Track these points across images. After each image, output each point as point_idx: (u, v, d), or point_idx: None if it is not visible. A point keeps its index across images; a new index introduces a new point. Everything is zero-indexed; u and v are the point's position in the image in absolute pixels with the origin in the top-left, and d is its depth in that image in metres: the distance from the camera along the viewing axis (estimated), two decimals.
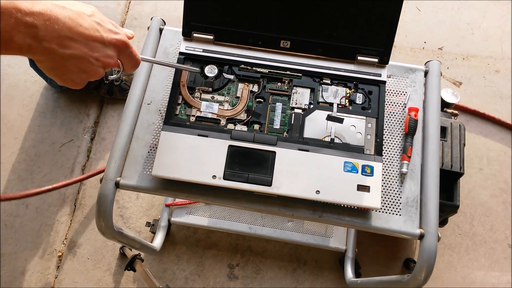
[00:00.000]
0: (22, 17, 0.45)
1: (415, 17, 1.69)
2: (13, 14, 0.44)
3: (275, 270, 1.27)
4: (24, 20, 0.45)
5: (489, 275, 1.29)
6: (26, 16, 0.45)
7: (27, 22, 0.45)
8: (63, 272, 1.26)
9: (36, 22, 0.46)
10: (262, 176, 0.65)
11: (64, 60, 0.50)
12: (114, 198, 0.68)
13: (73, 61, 0.50)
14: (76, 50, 0.50)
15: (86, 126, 1.47)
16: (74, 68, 0.51)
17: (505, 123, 1.48)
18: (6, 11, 0.44)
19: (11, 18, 0.44)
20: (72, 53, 0.50)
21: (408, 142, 0.70)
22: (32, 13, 0.45)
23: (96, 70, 0.54)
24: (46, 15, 0.46)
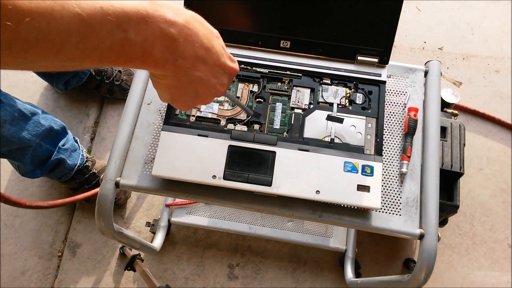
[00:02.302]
0: (166, 28, 0.40)
1: (415, 17, 1.69)
2: (159, 24, 0.39)
3: (275, 270, 1.27)
4: (168, 31, 0.40)
5: (489, 275, 1.29)
6: (170, 27, 0.40)
7: (171, 35, 0.40)
8: (63, 272, 1.26)
9: (178, 36, 0.41)
10: (262, 176, 0.65)
11: (188, 82, 0.46)
12: (114, 198, 0.68)
13: (195, 85, 0.46)
14: (203, 74, 0.45)
15: (86, 126, 1.47)
16: (192, 91, 0.47)
17: (505, 123, 1.48)
18: (152, 19, 0.39)
19: (157, 27, 0.39)
20: (199, 76, 0.45)
21: (408, 142, 0.70)
22: (175, 24, 0.40)
23: (209, 97, 0.50)
24: (188, 29, 0.42)
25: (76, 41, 0.35)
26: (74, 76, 1.38)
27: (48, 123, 1.13)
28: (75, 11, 0.34)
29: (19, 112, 1.05)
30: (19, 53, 0.33)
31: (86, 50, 0.36)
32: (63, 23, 0.33)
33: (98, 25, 0.36)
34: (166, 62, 0.42)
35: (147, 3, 0.39)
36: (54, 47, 0.34)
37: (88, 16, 0.35)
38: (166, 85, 0.46)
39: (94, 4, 0.35)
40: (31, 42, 0.33)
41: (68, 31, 0.34)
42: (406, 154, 0.69)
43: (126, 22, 0.37)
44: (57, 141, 1.17)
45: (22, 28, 0.31)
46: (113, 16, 0.36)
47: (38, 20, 0.32)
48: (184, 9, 0.43)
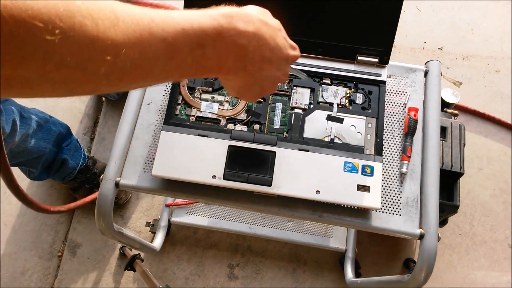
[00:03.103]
0: (238, 39, 0.41)
1: (415, 17, 1.69)
2: (233, 37, 0.41)
3: (275, 270, 1.27)
4: (239, 42, 0.42)
5: (489, 275, 1.29)
6: (241, 38, 0.42)
7: (242, 45, 0.42)
8: (63, 272, 1.26)
9: (248, 45, 0.42)
10: (262, 176, 0.65)
11: (255, 82, 0.47)
12: (114, 198, 0.68)
13: (261, 82, 0.48)
14: (269, 72, 0.47)
15: (86, 126, 1.47)
16: (258, 88, 0.49)
17: (505, 123, 1.48)
18: (227, 33, 0.40)
19: (230, 40, 0.41)
20: (265, 75, 0.47)
21: (408, 142, 0.70)
22: (246, 34, 0.42)
23: (273, 88, 0.51)
24: (257, 36, 0.43)
25: (163, 64, 0.37)
26: None
27: (57, 128, 1.16)
28: (162, 36, 0.36)
29: (36, 123, 1.08)
30: (115, 82, 0.35)
31: (170, 70, 0.38)
32: (151, 50, 0.35)
33: (181, 46, 0.37)
34: (237, 69, 0.44)
35: (221, 17, 0.40)
36: (144, 72, 0.36)
37: (172, 39, 0.36)
38: (234, 85, 0.48)
39: (175, 27, 0.37)
40: (125, 71, 0.34)
41: (156, 57, 0.36)
42: (406, 154, 0.69)
43: (204, 40, 0.39)
44: (60, 143, 1.18)
45: (119, 60, 0.33)
46: (193, 36, 0.38)
47: (132, 50, 0.33)
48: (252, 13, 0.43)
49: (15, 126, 0.98)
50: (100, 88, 0.35)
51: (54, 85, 0.31)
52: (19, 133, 1.00)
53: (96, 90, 0.36)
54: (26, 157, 1.09)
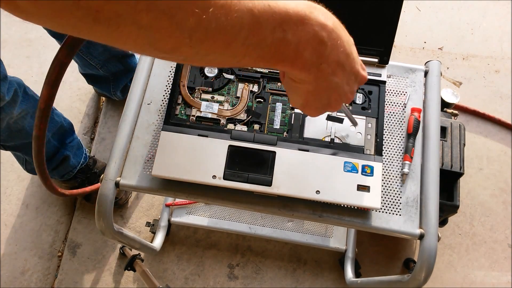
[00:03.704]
0: (319, 31, 0.39)
1: (415, 17, 1.69)
2: (314, 26, 0.39)
3: (275, 270, 1.27)
4: (320, 34, 0.40)
5: (489, 275, 1.29)
6: (322, 30, 0.40)
7: (321, 38, 0.40)
8: (63, 272, 1.26)
9: (327, 40, 0.40)
10: (262, 176, 0.65)
11: (325, 88, 0.45)
12: (114, 198, 0.68)
13: (331, 91, 0.46)
14: (340, 80, 0.45)
15: (86, 126, 1.47)
16: (326, 98, 0.47)
17: (505, 123, 1.48)
18: (309, 21, 0.39)
19: (311, 29, 0.39)
20: (336, 83, 0.45)
21: (411, 143, 0.70)
22: (326, 28, 0.40)
23: (339, 104, 0.49)
24: (335, 34, 0.41)
25: (244, 36, 0.36)
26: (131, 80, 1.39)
27: (60, 120, 1.16)
28: (249, 6, 0.35)
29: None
30: (196, 43, 0.34)
31: (249, 46, 0.37)
32: (238, 17, 0.34)
33: (265, 22, 0.36)
34: (312, 66, 0.41)
35: (305, 5, 0.39)
36: (226, 40, 0.35)
37: (258, 12, 0.35)
38: (303, 89, 0.46)
39: (263, 1, 0.36)
40: (209, 33, 0.33)
41: (240, 25, 0.35)
42: (409, 155, 0.69)
43: (287, 22, 0.38)
44: (63, 138, 1.18)
45: (206, 18, 0.32)
46: (277, 14, 0.37)
47: (219, 11, 0.33)
48: (330, 13, 0.42)
49: (16, 97, 0.97)
50: (180, 47, 0.34)
51: (139, 29, 0.31)
52: (19, 107, 1.00)
53: (175, 50, 0.34)
54: (23, 139, 1.07)
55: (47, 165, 1.17)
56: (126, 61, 1.32)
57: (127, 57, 1.32)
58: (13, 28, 1.61)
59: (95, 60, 1.23)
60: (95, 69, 1.28)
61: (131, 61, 1.34)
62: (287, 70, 0.43)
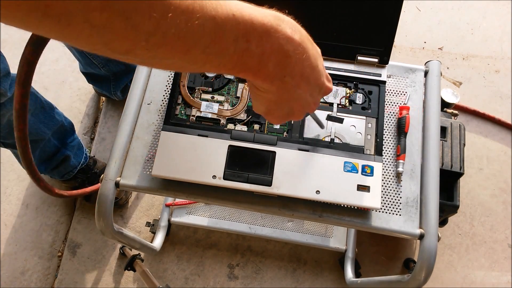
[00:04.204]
0: (285, 44, 0.39)
1: (415, 17, 1.69)
2: (279, 39, 0.39)
3: (275, 270, 1.27)
4: (285, 47, 0.39)
5: (489, 275, 1.29)
6: (287, 43, 0.40)
7: (286, 51, 0.40)
8: (63, 272, 1.26)
9: (292, 53, 0.40)
10: (262, 176, 0.65)
11: (288, 99, 0.45)
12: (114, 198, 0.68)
13: (293, 102, 0.46)
14: (303, 92, 0.45)
15: (86, 126, 1.47)
16: (288, 108, 0.47)
17: (505, 123, 1.48)
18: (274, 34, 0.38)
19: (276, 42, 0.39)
20: (299, 94, 0.45)
21: (403, 141, 0.70)
22: (292, 41, 0.40)
23: (301, 114, 0.49)
24: (301, 48, 0.41)
25: (205, 44, 0.35)
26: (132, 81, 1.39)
27: (61, 119, 1.16)
28: (211, 14, 0.34)
29: (40, 103, 1.07)
30: (153, 47, 0.33)
31: (210, 54, 0.36)
32: (199, 24, 0.33)
33: (228, 31, 0.36)
34: (275, 77, 0.41)
35: (272, 17, 0.39)
36: (185, 47, 0.34)
37: (221, 21, 0.35)
38: (265, 98, 0.46)
39: (227, 10, 0.35)
40: (167, 38, 0.33)
41: (201, 33, 0.34)
42: (397, 154, 0.69)
43: (251, 33, 0.37)
44: (64, 138, 1.18)
45: (164, 23, 0.31)
46: (242, 25, 0.36)
47: (179, 17, 0.32)
48: (298, 26, 0.42)
49: None
50: (135, 50, 0.33)
51: (92, 29, 0.29)
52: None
53: (130, 52, 0.33)
54: None
55: (47, 164, 1.18)
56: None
57: None
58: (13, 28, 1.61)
59: (98, 59, 1.23)
60: (96, 68, 1.28)
61: None
62: (249, 79, 0.43)
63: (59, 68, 1.53)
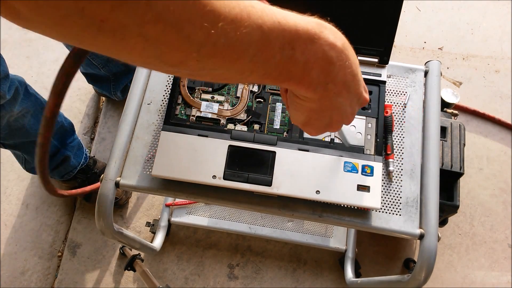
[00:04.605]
0: (328, 51, 0.39)
1: (415, 17, 1.69)
2: (323, 46, 0.39)
3: (275, 270, 1.27)
4: (328, 54, 0.39)
5: (489, 275, 1.29)
6: (331, 50, 0.39)
7: (330, 58, 0.39)
8: (63, 272, 1.26)
9: (335, 60, 0.40)
10: (262, 176, 0.65)
11: (329, 108, 0.44)
12: (114, 198, 0.68)
13: (334, 111, 0.45)
14: (344, 101, 0.44)
15: (86, 126, 1.47)
16: (328, 118, 0.46)
17: (505, 123, 1.48)
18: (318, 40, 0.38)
19: (320, 49, 0.38)
20: (340, 104, 0.44)
21: (389, 139, 0.70)
22: (335, 48, 0.40)
23: (340, 125, 0.48)
24: (344, 54, 0.41)
25: (253, 53, 0.35)
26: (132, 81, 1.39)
27: (61, 120, 1.16)
28: (258, 22, 0.34)
29: (41, 105, 1.08)
30: (204, 58, 0.33)
31: (257, 63, 0.36)
32: (247, 33, 0.33)
33: (274, 39, 0.35)
34: (318, 85, 0.41)
35: (315, 23, 0.39)
36: (234, 56, 0.34)
37: (268, 29, 0.35)
38: (306, 107, 0.45)
39: (273, 18, 0.35)
40: (217, 48, 0.32)
41: (249, 41, 0.34)
42: (386, 153, 0.69)
43: (296, 40, 0.37)
44: (64, 138, 1.18)
45: (215, 32, 0.31)
46: (287, 32, 0.36)
47: (229, 26, 0.32)
48: (339, 33, 0.42)
49: (16, 95, 0.97)
50: (187, 61, 0.33)
51: (146, 42, 0.29)
52: (19, 105, 1.00)
53: (182, 64, 0.33)
54: (22, 137, 1.08)
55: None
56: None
57: None
58: (13, 28, 1.61)
59: (98, 60, 1.23)
60: (96, 69, 1.28)
61: None
62: (293, 88, 0.43)
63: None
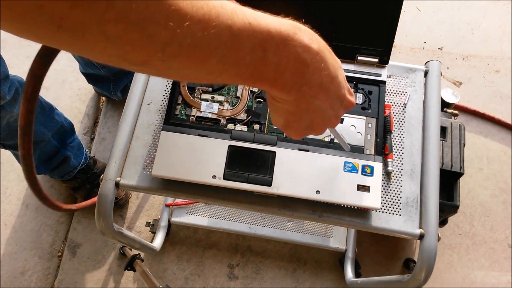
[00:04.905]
0: (302, 53, 0.39)
1: (415, 17, 1.69)
2: (296, 48, 0.38)
3: (275, 270, 1.27)
4: (302, 56, 0.39)
5: (489, 275, 1.29)
6: (305, 52, 0.39)
7: (303, 60, 0.39)
8: (63, 272, 1.26)
9: (309, 62, 0.39)
10: (262, 176, 0.65)
11: (306, 110, 0.44)
12: (114, 198, 0.68)
13: (312, 114, 0.45)
14: (322, 104, 0.44)
15: (86, 126, 1.47)
16: (307, 120, 0.46)
17: (505, 123, 1.48)
18: (291, 42, 0.38)
19: (293, 51, 0.38)
20: (318, 106, 0.44)
21: (388, 140, 0.70)
22: (310, 50, 0.39)
23: (322, 128, 0.48)
24: (319, 57, 0.40)
25: (222, 54, 0.35)
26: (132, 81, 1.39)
27: (60, 120, 1.16)
28: (228, 23, 0.33)
29: (40, 105, 1.08)
30: (169, 58, 0.32)
31: (226, 64, 0.36)
32: (215, 33, 0.33)
33: (244, 41, 0.35)
34: (292, 87, 0.40)
35: (289, 25, 0.39)
36: (201, 57, 0.34)
37: (238, 30, 0.34)
38: (283, 110, 0.45)
39: (243, 19, 0.35)
40: (183, 48, 0.32)
41: (217, 42, 0.34)
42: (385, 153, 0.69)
43: (268, 42, 0.37)
44: (64, 139, 1.18)
45: (181, 32, 0.31)
46: (258, 34, 0.36)
47: (196, 26, 0.31)
48: (316, 35, 0.42)
49: (16, 95, 0.97)
50: (151, 61, 0.32)
51: (107, 40, 0.29)
52: (19, 106, 1.00)
53: (146, 63, 0.33)
54: None
55: (47, 165, 1.18)
56: None
57: None
58: None
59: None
60: (96, 69, 1.28)
61: None
62: (266, 90, 0.42)
63: (59, 68, 1.53)
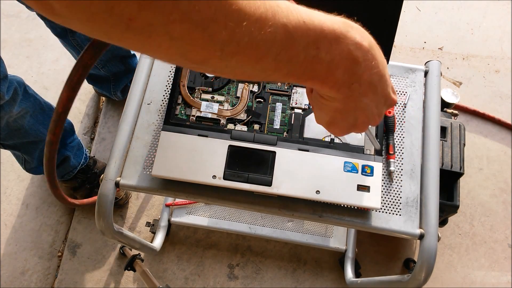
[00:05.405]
0: (354, 50, 0.39)
1: (415, 17, 1.69)
2: (349, 45, 0.38)
3: (275, 270, 1.27)
4: (354, 53, 0.39)
5: (489, 275, 1.29)
6: (357, 49, 0.39)
7: (355, 57, 0.39)
8: (63, 272, 1.26)
9: (361, 59, 0.40)
10: (262, 176, 0.65)
11: (354, 108, 0.44)
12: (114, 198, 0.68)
13: (359, 112, 0.44)
14: (370, 101, 0.44)
15: (86, 126, 1.47)
16: (353, 118, 0.45)
17: (505, 123, 1.48)
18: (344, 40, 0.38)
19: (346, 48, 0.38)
20: (366, 104, 0.44)
21: (390, 140, 0.70)
22: (361, 47, 0.39)
23: (365, 126, 0.48)
24: (370, 54, 0.40)
25: (276, 52, 0.35)
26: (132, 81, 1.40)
27: None
28: (283, 21, 0.34)
29: (39, 105, 1.08)
30: (227, 57, 0.33)
31: (280, 62, 0.36)
32: (271, 32, 0.33)
33: (298, 39, 0.36)
34: (343, 85, 0.40)
35: (341, 23, 0.39)
36: (257, 55, 0.34)
37: (293, 28, 0.35)
38: (331, 107, 0.45)
39: (298, 17, 0.35)
40: (241, 47, 0.33)
41: (273, 40, 0.34)
42: (389, 152, 0.69)
43: (321, 40, 0.37)
44: (64, 138, 1.18)
45: (239, 31, 0.32)
46: (312, 32, 0.36)
47: (253, 25, 0.32)
48: (366, 33, 0.42)
49: (15, 96, 0.97)
50: (211, 59, 0.33)
51: (171, 40, 0.30)
52: (18, 106, 1.00)
53: (205, 62, 0.34)
54: (22, 138, 1.08)
55: None
56: (128, 62, 1.32)
57: (128, 57, 1.32)
58: (13, 28, 1.61)
59: (98, 60, 1.23)
60: (96, 69, 1.28)
61: (132, 61, 1.34)
62: (317, 87, 0.42)
63: (59, 68, 1.53)
